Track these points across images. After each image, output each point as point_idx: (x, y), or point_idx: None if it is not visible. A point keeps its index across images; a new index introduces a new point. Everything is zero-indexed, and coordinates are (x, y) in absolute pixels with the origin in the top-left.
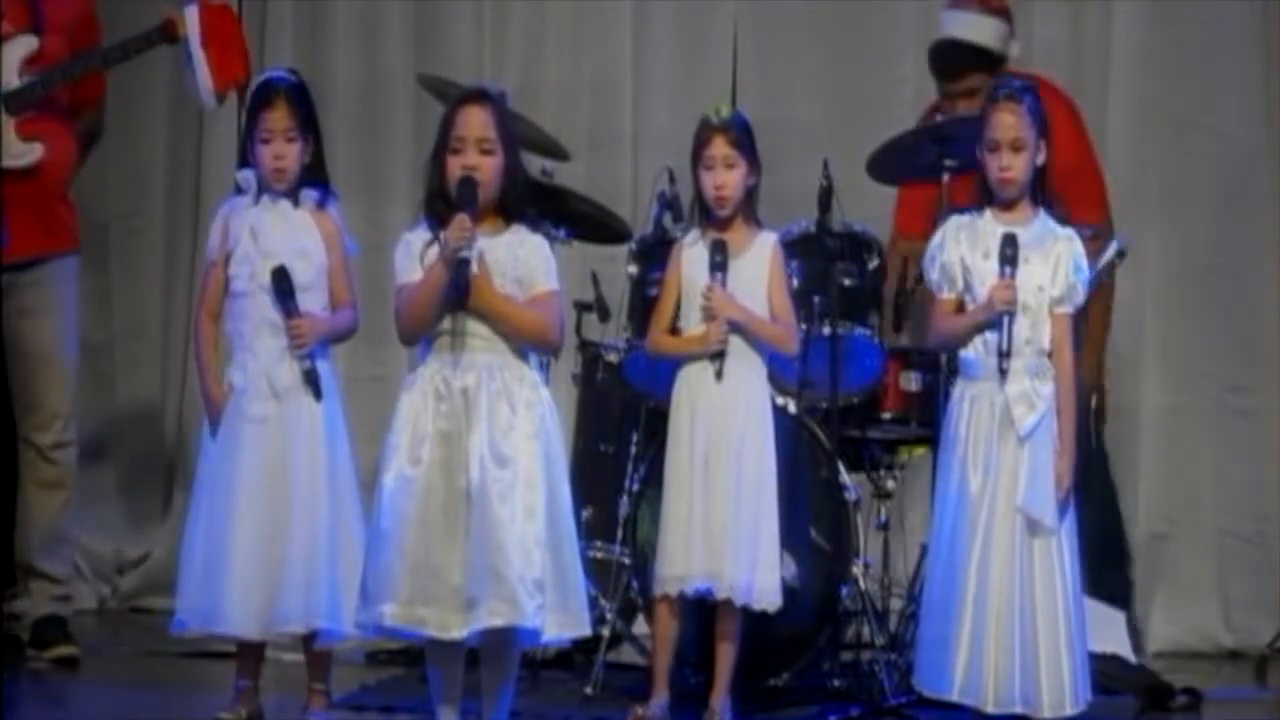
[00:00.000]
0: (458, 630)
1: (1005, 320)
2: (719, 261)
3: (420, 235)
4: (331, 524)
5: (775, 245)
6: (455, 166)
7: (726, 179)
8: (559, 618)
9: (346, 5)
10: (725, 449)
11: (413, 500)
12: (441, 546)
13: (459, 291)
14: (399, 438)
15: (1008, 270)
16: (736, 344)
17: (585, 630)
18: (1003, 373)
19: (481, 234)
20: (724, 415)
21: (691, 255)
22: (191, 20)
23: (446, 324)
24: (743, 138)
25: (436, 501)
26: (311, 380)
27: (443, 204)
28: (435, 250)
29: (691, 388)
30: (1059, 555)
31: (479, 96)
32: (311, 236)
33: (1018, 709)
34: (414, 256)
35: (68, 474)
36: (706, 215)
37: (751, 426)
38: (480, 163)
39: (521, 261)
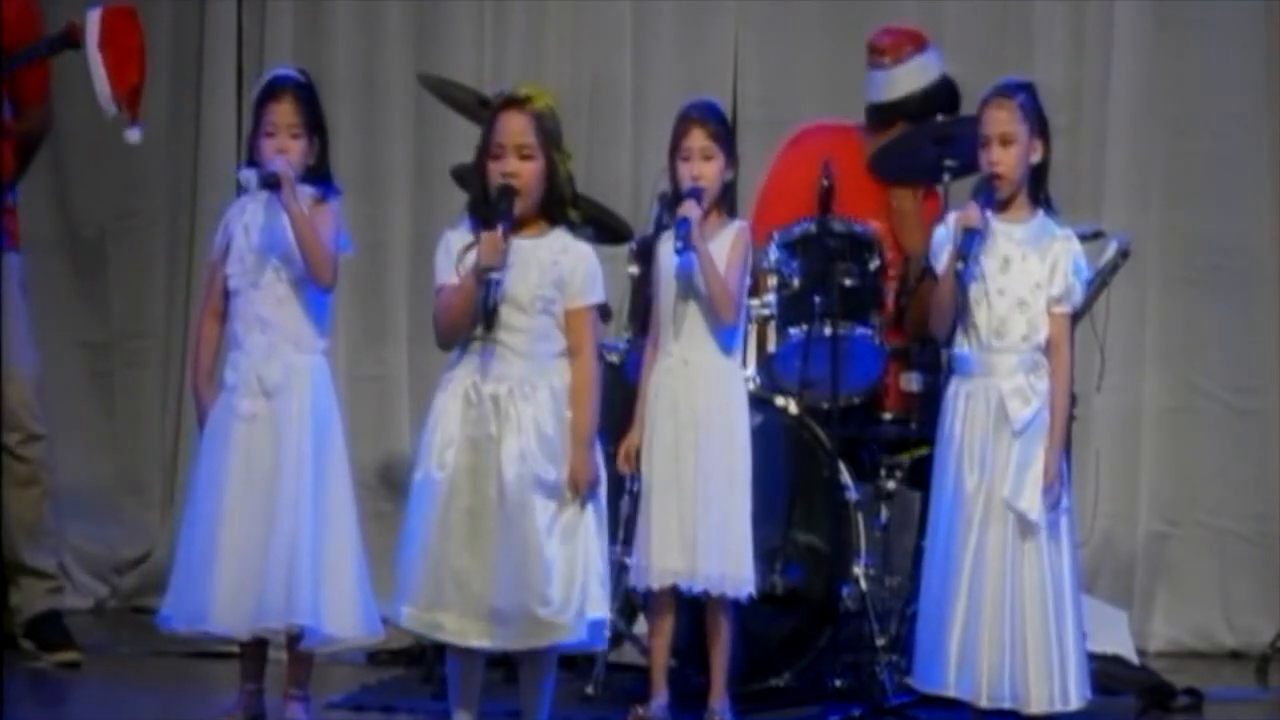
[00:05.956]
0: (476, 638)
1: (973, 238)
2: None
3: (461, 235)
4: (317, 523)
5: (741, 230)
6: (495, 173)
7: (704, 170)
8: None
9: (346, 5)
10: (691, 440)
11: (435, 505)
12: (463, 553)
13: (487, 312)
14: (430, 437)
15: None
16: (697, 331)
17: (604, 613)
18: (958, 275)
19: (524, 236)
20: (688, 407)
21: (665, 249)
22: (92, 25)
23: (478, 329)
24: (721, 131)
25: (461, 507)
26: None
27: (486, 208)
28: (472, 255)
29: (658, 381)
30: (1049, 551)
31: (518, 102)
32: None
33: (1008, 704)
34: (452, 257)
35: (41, 468)
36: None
37: (717, 416)
38: (520, 168)
39: (565, 269)
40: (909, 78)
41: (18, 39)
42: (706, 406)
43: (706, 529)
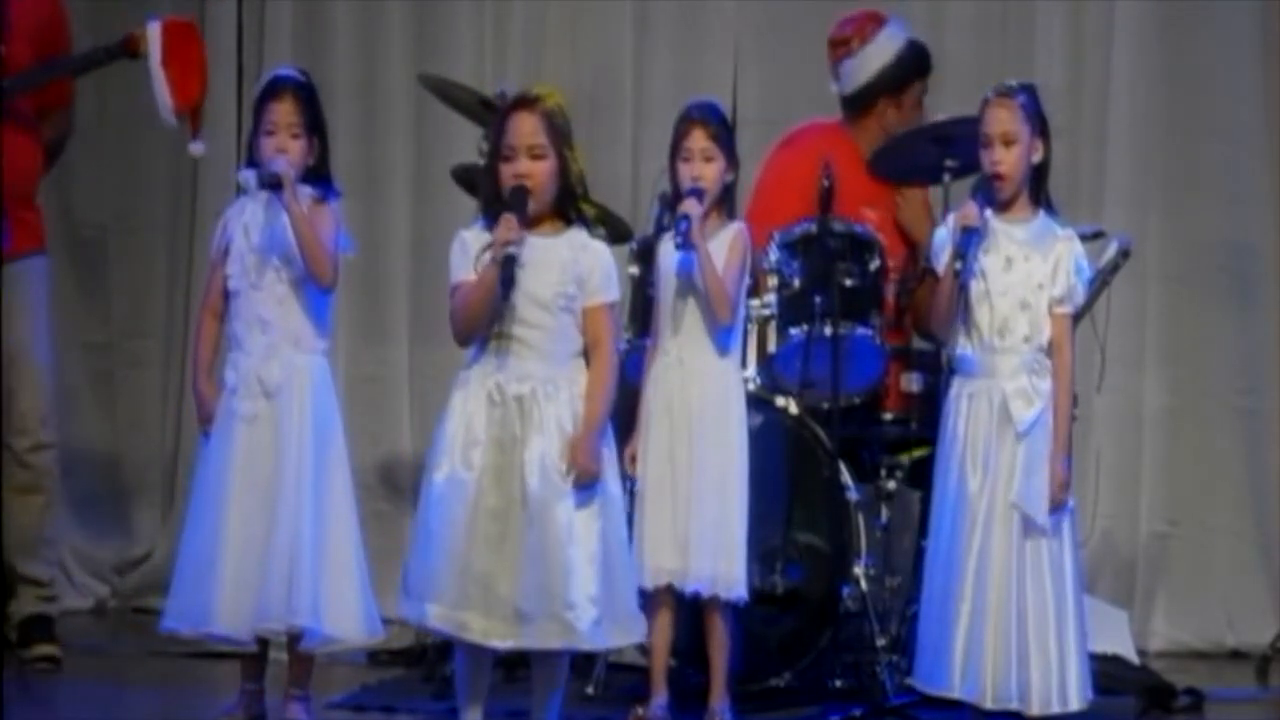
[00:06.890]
0: (500, 639)
1: (971, 237)
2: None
3: (477, 235)
4: (316, 523)
5: (740, 231)
6: (508, 174)
7: (704, 171)
8: (609, 627)
9: (346, 5)
10: (685, 440)
11: (462, 505)
12: (489, 554)
13: (506, 287)
14: (451, 437)
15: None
16: (694, 330)
17: (640, 637)
18: (956, 274)
19: (540, 235)
20: (683, 405)
21: (665, 249)
22: (154, 37)
23: (495, 327)
24: (721, 132)
25: (487, 508)
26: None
27: (500, 208)
28: (490, 255)
29: (655, 379)
30: (1053, 553)
31: (528, 102)
32: None
33: (1014, 705)
34: (469, 255)
35: (45, 477)
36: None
37: (712, 415)
38: (532, 169)
39: (585, 267)
40: (880, 53)
41: (50, 41)
42: (701, 406)
43: (699, 528)
